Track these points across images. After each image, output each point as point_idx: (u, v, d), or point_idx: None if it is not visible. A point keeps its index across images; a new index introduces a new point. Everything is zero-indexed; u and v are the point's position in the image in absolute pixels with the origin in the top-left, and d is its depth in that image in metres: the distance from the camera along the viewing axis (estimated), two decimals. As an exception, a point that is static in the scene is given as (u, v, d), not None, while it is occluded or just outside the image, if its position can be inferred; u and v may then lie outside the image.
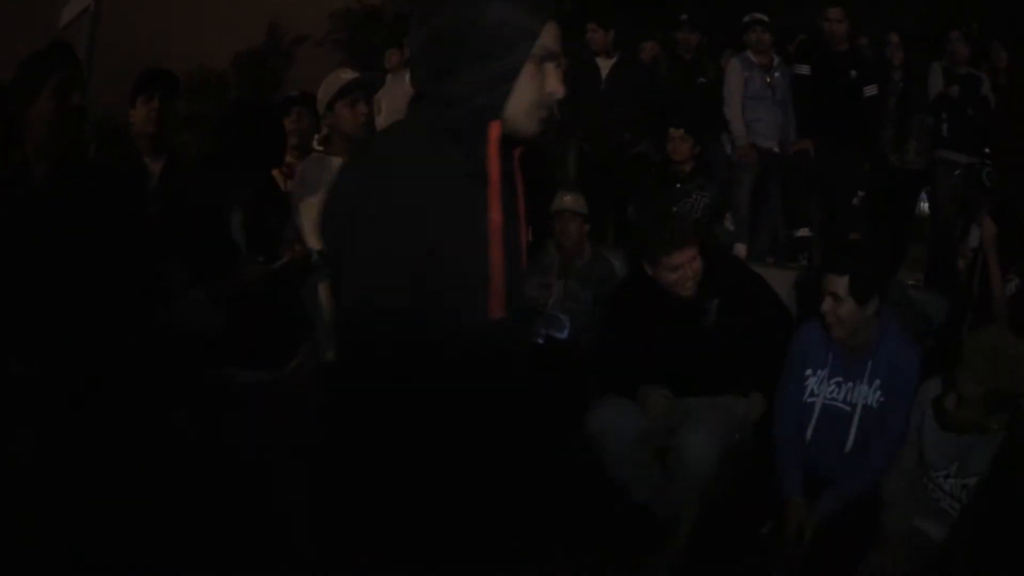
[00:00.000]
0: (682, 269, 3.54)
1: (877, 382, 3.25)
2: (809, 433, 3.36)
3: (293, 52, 13.69)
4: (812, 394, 3.37)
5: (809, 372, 3.40)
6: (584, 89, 6.32)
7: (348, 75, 3.57)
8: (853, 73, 6.11)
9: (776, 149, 6.24)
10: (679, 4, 7.14)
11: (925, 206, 6.45)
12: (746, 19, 6.30)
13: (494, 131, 1.59)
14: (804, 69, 6.26)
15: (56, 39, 2.71)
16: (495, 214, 1.60)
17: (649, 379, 3.66)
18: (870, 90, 6.12)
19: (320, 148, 3.89)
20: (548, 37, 1.59)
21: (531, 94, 1.61)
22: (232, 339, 3.06)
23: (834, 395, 3.33)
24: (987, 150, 5.72)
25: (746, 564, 3.26)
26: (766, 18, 6.29)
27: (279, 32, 14.35)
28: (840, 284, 3.18)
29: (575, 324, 4.44)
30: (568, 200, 4.60)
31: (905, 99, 6.46)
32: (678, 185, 5.23)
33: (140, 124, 3.77)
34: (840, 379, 3.32)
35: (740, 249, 5.63)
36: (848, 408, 3.30)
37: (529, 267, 2.02)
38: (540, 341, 4.44)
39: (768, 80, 6.26)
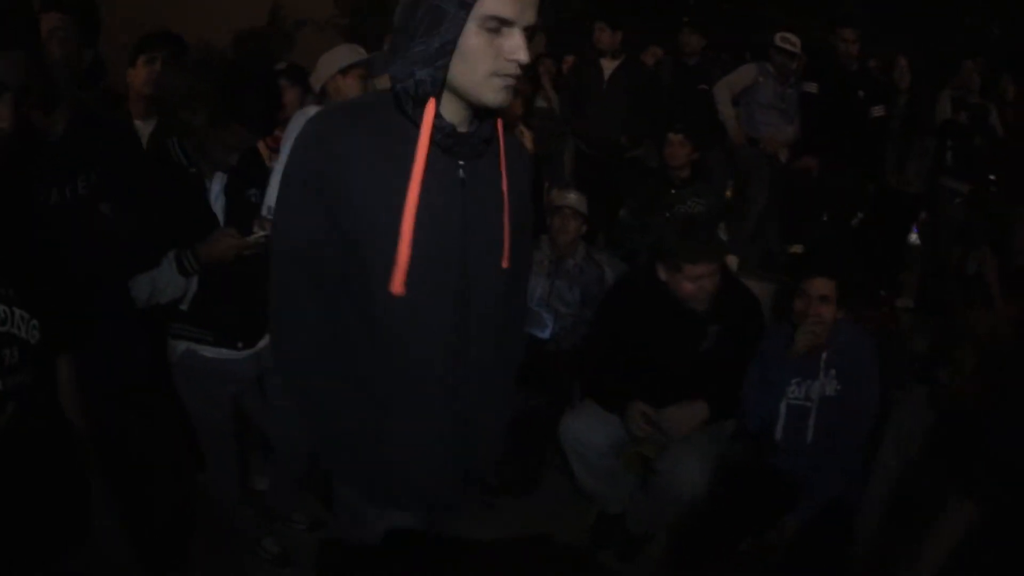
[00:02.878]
0: (702, 281, 3.38)
1: (832, 372, 3.31)
2: (778, 434, 3.36)
3: (294, 34, 13.58)
4: (778, 397, 3.35)
5: (775, 375, 3.38)
6: (586, 89, 6.29)
7: (354, 49, 3.54)
8: (861, 93, 6.09)
9: (783, 159, 6.21)
10: (684, 9, 7.04)
11: (914, 237, 6.41)
12: (777, 43, 6.22)
13: (429, 108, 1.62)
14: (812, 87, 6.23)
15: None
16: (414, 185, 1.62)
17: (636, 387, 3.53)
18: (877, 111, 6.12)
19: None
20: (496, 5, 1.55)
21: (484, 64, 1.58)
22: (200, 314, 2.95)
23: (796, 395, 3.35)
24: (992, 177, 5.71)
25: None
26: (797, 49, 6.21)
27: (281, 14, 14.24)
28: (830, 287, 3.29)
29: (559, 325, 4.34)
30: (572, 198, 4.47)
31: (909, 122, 6.45)
32: (673, 191, 5.12)
33: (138, 85, 3.63)
34: (799, 379, 3.35)
35: (731, 260, 5.53)
36: (808, 403, 3.33)
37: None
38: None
39: (782, 92, 6.23)
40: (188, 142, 2.90)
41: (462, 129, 1.70)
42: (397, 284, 1.64)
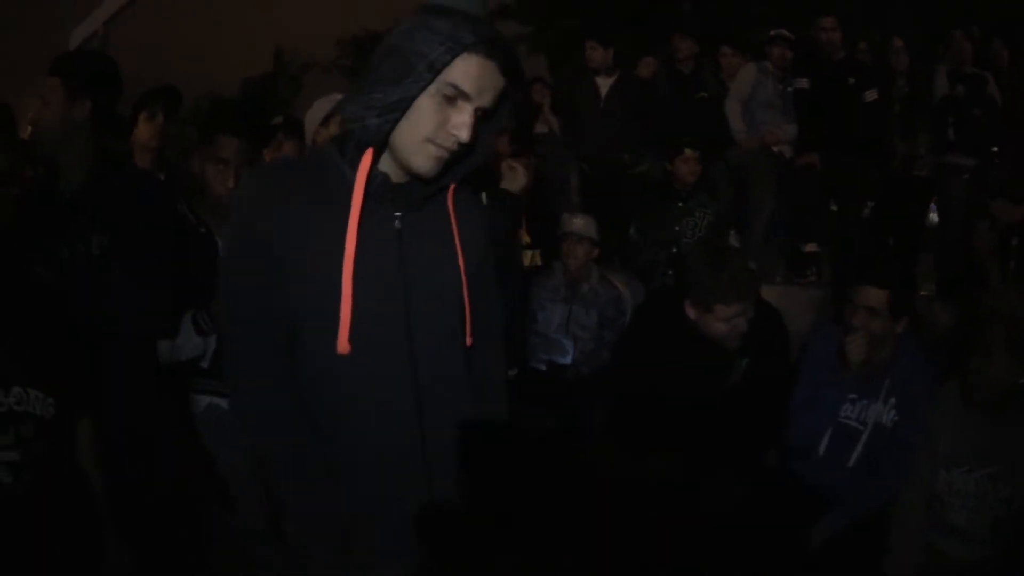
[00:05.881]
0: (736, 320, 3.05)
1: (892, 400, 3.16)
2: (821, 450, 3.27)
3: (300, 78, 13.75)
4: (830, 412, 3.24)
5: (829, 388, 3.25)
6: (583, 109, 6.33)
7: (329, 99, 3.70)
8: (851, 80, 6.06)
9: (788, 156, 6.20)
10: (677, 20, 7.08)
11: (935, 216, 6.34)
12: (772, 33, 6.28)
13: (366, 158, 1.61)
14: (803, 83, 6.22)
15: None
16: (351, 238, 1.61)
17: (658, 428, 3.48)
18: (870, 95, 6.06)
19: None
20: (461, 75, 1.55)
21: (426, 128, 1.58)
22: (220, 368, 3.02)
23: (848, 413, 3.24)
24: (995, 149, 5.66)
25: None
26: (791, 36, 6.25)
27: (286, 58, 14.42)
28: (879, 297, 3.08)
29: (579, 349, 4.42)
30: (577, 223, 4.55)
31: (911, 105, 6.37)
32: (680, 204, 5.18)
33: (144, 140, 3.78)
34: (855, 396, 3.22)
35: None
36: (860, 427, 3.21)
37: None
38: (542, 367, 4.42)
39: (780, 90, 6.24)
40: (194, 200, 2.99)
41: (396, 180, 1.69)
42: (342, 342, 1.62)
